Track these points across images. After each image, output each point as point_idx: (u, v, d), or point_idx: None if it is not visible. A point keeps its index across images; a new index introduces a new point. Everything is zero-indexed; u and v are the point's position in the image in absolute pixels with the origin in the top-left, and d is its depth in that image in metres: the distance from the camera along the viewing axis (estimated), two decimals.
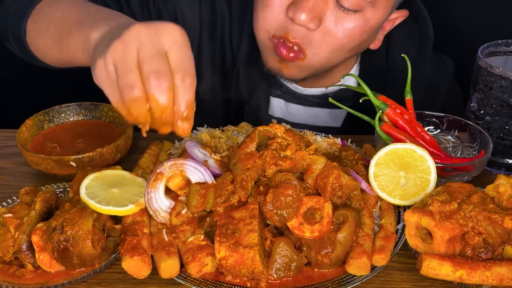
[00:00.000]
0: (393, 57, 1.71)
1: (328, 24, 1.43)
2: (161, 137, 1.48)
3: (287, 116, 1.79)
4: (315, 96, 1.75)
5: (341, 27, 1.43)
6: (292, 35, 1.44)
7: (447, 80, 1.85)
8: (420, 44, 1.73)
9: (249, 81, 1.71)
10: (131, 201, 1.14)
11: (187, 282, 1.07)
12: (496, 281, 1.03)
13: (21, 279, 1.07)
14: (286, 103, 1.78)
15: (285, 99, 1.77)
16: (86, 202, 1.10)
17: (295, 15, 1.39)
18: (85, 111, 1.52)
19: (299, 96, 1.76)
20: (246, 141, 1.22)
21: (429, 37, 1.74)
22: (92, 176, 1.16)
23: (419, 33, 1.74)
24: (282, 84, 1.74)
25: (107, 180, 1.18)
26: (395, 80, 1.69)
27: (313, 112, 1.78)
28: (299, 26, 1.42)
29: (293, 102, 1.77)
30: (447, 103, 1.86)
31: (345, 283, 1.07)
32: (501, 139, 1.41)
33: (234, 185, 1.13)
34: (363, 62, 1.73)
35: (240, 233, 1.05)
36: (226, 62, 1.71)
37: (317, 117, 1.78)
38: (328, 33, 1.43)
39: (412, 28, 1.73)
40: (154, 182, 1.16)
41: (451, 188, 1.14)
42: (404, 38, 1.72)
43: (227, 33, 1.68)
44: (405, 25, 1.66)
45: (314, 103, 1.77)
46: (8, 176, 1.40)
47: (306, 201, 1.12)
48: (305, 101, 1.77)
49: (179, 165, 1.17)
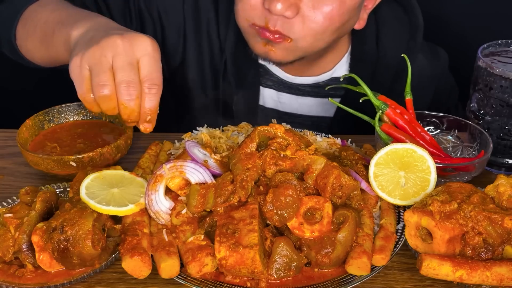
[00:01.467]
0: (383, 45, 1.73)
1: (305, 10, 1.44)
2: (161, 137, 1.49)
3: (278, 106, 1.80)
4: (306, 85, 1.76)
5: (319, 11, 1.44)
6: (271, 24, 1.45)
7: (440, 70, 1.86)
8: (410, 31, 1.74)
9: (238, 71, 1.72)
10: (131, 201, 1.14)
11: (187, 282, 1.07)
12: (496, 281, 1.03)
13: (21, 279, 1.07)
14: (278, 93, 1.79)
15: (276, 88, 1.78)
16: (86, 202, 1.10)
17: (271, 5, 1.40)
18: (85, 111, 1.52)
19: (290, 86, 1.77)
20: (246, 141, 1.22)
21: (419, 24, 1.75)
22: (92, 176, 1.16)
23: (409, 21, 1.75)
24: (272, 74, 1.75)
25: (107, 180, 1.18)
26: (386, 67, 1.71)
27: (305, 102, 1.79)
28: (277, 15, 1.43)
29: (284, 91, 1.78)
30: (440, 93, 1.87)
31: (345, 283, 1.07)
32: (501, 139, 1.41)
33: (234, 185, 1.13)
34: (354, 49, 1.74)
35: (240, 233, 1.05)
36: (214, 54, 1.73)
37: (309, 107, 1.79)
38: (307, 18, 1.44)
39: (401, 16, 1.75)
40: (153, 184, 1.16)
41: (451, 188, 1.14)
42: (394, 26, 1.73)
43: (213, 26, 1.70)
44: (394, 13, 1.68)
45: (305, 92, 1.78)
46: (8, 176, 1.40)
47: (306, 201, 1.12)
48: (297, 91, 1.78)
49: (178, 167, 1.17)
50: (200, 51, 1.72)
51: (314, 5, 1.44)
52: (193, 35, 1.71)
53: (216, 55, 1.72)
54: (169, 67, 1.75)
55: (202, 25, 1.71)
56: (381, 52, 1.73)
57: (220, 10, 1.69)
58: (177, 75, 1.77)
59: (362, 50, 1.73)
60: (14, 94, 2.28)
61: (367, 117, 1.38)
